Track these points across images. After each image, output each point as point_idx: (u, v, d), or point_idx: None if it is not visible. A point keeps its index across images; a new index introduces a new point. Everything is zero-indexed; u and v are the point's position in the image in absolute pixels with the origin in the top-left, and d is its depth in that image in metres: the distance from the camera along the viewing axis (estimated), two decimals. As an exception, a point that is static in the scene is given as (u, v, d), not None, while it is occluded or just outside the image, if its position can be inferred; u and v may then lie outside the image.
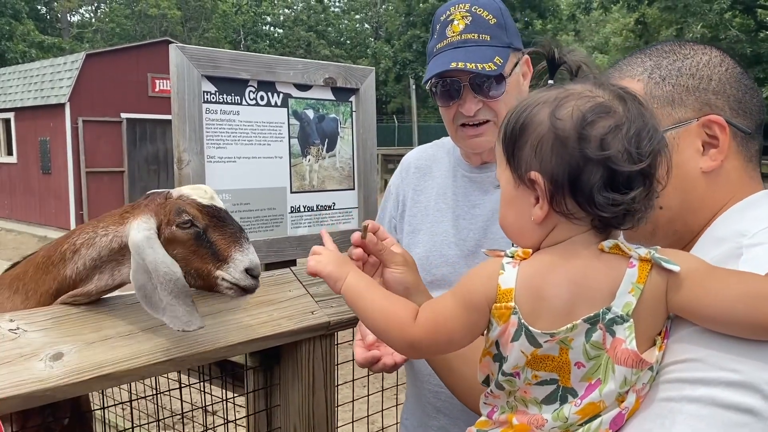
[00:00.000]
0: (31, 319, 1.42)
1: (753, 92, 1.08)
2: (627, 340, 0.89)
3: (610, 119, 0.90)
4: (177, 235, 1.46)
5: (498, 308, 0.96)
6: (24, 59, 26.63)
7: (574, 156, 0.90)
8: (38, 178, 15.29)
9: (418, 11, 31.09)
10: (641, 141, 0.90)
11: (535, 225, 0.96)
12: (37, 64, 16.15)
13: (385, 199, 1.86)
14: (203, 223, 1.46)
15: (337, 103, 2.12)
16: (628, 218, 0.92)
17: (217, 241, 1.46)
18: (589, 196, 0.90)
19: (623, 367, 0.89)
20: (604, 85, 0.96)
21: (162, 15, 32.52)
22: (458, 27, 1.58)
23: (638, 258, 0.90)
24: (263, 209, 1.96)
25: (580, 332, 0.91)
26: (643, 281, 0.89)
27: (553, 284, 0.93)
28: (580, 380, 0.92)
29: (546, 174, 0.93)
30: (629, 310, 0.89)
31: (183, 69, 1.76)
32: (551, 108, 0.93)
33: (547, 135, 0.92)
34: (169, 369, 1.54)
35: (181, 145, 1.76)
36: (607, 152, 0.88)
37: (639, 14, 24.05)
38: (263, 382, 1.87)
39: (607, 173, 0.89)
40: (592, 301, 0.91)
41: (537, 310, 0.93)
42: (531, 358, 0.94)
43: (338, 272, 1.22)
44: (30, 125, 15.26)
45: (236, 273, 1.45)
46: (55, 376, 1.31)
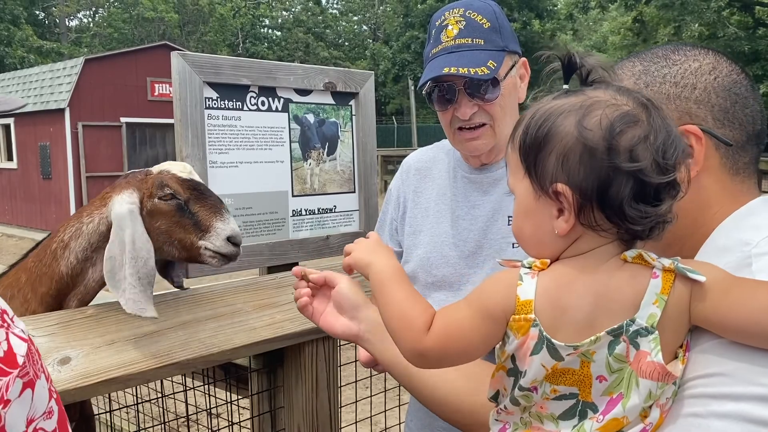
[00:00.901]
0: (38, 324, 1.45)
1: (745, 101, 1.04)
2: (652, 352, 0.86)
3: (638, 129, 0.87)
4: (159, 207, 1.52)
5: (516, 320, 0.92)
6: (23, 65, 26.66)
7: (603, 167, 0.86)
8: (39, 183, 15.30)
9: (416, 12, 31.10)
10: (667, 151, 0.87)
11: (556, 237, 0.93)
12: (36, 70, 16.16)
13: (386, 201, 1.87)
14: (185, 195, 1.53)
15: (337, 107, 2.15)
16: (658, 229, 0.90)
17: (198, 212, 1.53)
18: (619, 209, 0.87)
19: (648, 381, 0.87)
20: (626, 92, 0.92)
21: (159, 18, 32.54)
22: (452, 32, 1.59)
23: (662, 268, 0.88)
24: (265, 213, 1.98)
25: (602, 345, 0.88)
26: (667, 292, 0.87)
27: (575, 296, 0.90)
28: (601, 394, 0.89)
29: (574, 186, 0.89)
30: (654, 322, 0.87)
31: (185, 76, 1.78)
32: (578, 117, 0.89)
33: (575, 145, 0.89)
34: (174, 372, 1.55)
35: (183, 150, 1.79)
36: (639, 164, 0.85)
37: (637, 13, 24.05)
38: (267, 384, 1.88)
39: (637, 185, 0.86)
40: (615, 312, 0.88)
41: (557, 323, 0.90)
42: (551, 372, 0.91)
43: (368, 259, 1.18)
44: (30, 131, 15.27)
45: (218, 241, 1.52)
46: (63, 380, 1.33)
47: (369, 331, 1.29)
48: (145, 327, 1.54)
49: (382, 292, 1.12)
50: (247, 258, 1.94)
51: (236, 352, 1.64)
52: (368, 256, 1.18)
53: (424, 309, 1.07)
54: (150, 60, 15.04)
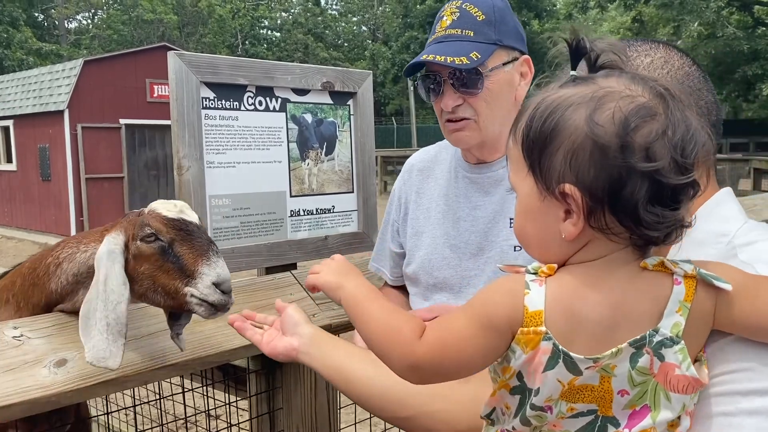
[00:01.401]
0: (35, 326, 1.44)
1: (699, 93, 1.03)
2: (682, 365, 0.82)
3: (655, 123, 0.79)
4: (142, 249, 1.40)
5: (525, 333, 0.84)
6: (22, 67, 26.66)
7: (616, 167, 0.78)
8: (38, 185, 15.29)
9: (416, 13, 31.12)
10: (686, 147, 0.79)
11: (563, 241, 0.85)
12: (35, 72, 16.15)
13: (389, 203, 1.87)
14: (168, 236, 1.39)
15: (335, 107, 2.14)
16: (676, 234, 0.82)
17: (183, 255, 1.38)
18: (634, 213, 0.79)
19: (680, 395, 0.82)
20: (641, 81, 0.83)
21: (159, 20, 32.55)
22: (445, 23, 1.58)
23: (683, 275, 0.83)
24: (263, 213, 1.98)
25: (624, 358, 0.82)
26: (690, 299, 0.82)
27: (591, 306, 0.83)
28: (623, 408, 0.84)
29: (583, 187, 0.81)
30: (679, 331, 0.81)
31: (181, 75, 1.77)
32: (588, 110, 0.80)
33: (585, 142, 0.80)
34: (172, 374, 1.55)
35: (180, 151, 1.78)
36: (656, 164, 0.77)
37: (636, 12, 24.08)
38: (266, 386, 1.88)
39: (654, 186, 0.78)
40: (636, 323, 0.82)
41: (572, 335, 0.83)
42: (567, 388, 0.84)
43: (337, 281, 1.11)
44: (29, 132, 15.27)
45: (203, 288, 1.35)
46: (59, 382, 1.33)
47: (306, 344, 1.29)
48: (143, 328, 1.53)
49: (357, 310, 1.04)
50: (245, 259, 1.93)
51: (234, 353, 1.63)
52: (337, 278, 1.12)
53: (408, 318, 0.99)
54: (149, 61, 15.03)
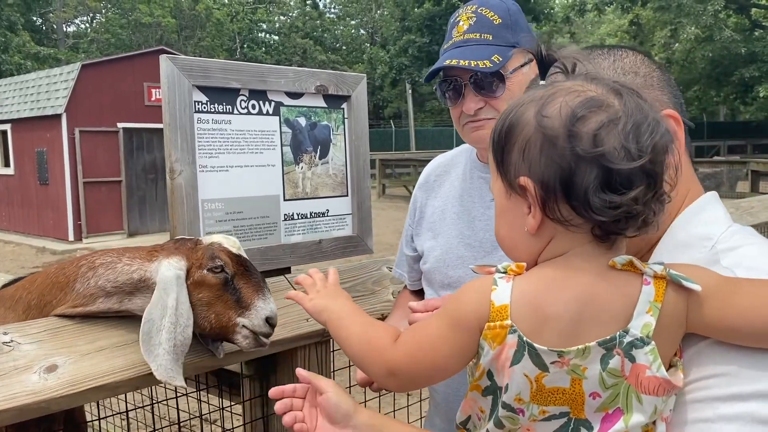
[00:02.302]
0: (25, 331, 1.43)
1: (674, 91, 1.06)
2: (653, 366, 0.81)
3: (603, 113, 0.82)
4: (207, 278, 1.49)
5: (491, 328, 0.86)
6: (20, 71, 26.64)
7: (564, 156, 0.81)
8: (36, 189, 15.27)
9: (414, 16, 31.13)
10: (641, 135, 0.81)
11: (529, 236, 0.88)
12: (33, 75, 16.14)
13: (411, 204, 1.93)
14: (232, 270, 1.51)
15: (329, 111, 2.13)
16: (631, 223, 0.83)
17: (242, 288, 1.50)
18: (585, 199, 0.81)
19: (651, 396, 0.82)
20: (597, 80, 0.87)
21: (156, 23, 32.56)
22: (462, 27, 1.61)
23: (653, 275, 0.83)
24: (256, 217, 1.97)
25: (594, 359, 0.82)
26: (660, 300, 0.82)
27: (557, 302, 0.84)
28: (595, 411, 0.84)
29: (536, 178, 0.84)
30: (649, 332, 0.81)
31: (174, 79, 1.77)
32: (537, 106, 0.85)
33: (535, 135, 0.84)
34: (164, 379, 1.53)
35: (173, 155, 1.77)
36: (601, 149, 0.79)
37: (633, 15, 24.12)
38: (259, 391, 1.87)
39: (602, 172, 0.80)
40: (605, 322, 0.82)
41: (539, 330, 0.84)
42: (536, 389, 0.84)
43: (324, 304, 1.16)
44: (27, 136, 15.25)
45: (257, 320, 1.49)
46: (50, 388, 1.32)
47: None
48: (135, 333, 1.52)
49: (340, 330, 1.09)
50: (239, 263, 1.92)
51: (227, 358, 1.62)
52: (325, 301, 1.16)
53: (385, 326, 1.04)
54: (147, 65, 15.02)
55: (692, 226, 0.97)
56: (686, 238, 0.95)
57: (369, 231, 2.24)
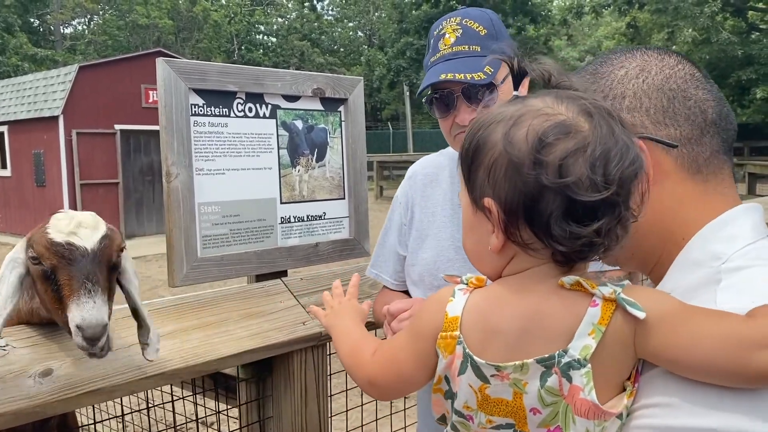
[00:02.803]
0: (21, 335, 1.42)
1: (684, 94, 0.97)
2: (586, 389, 0.81)
3: (571, 141, 0.80)
4: (32, 269, 1.30)
5: (444, 337, 0.89)
6: (17, 72, 26.60)
7: (528, 183, 0.80)
8: (33, 190, 15.25)
9: (411, 18, 31.16)
10: (608, 164, 0.79)
11: (492, 254, 0.88)
12: (30, 77, 16.12)
13: (391, 210, 1.88)
14: (49, 262, 1.26)
15: (326, 113, 2.13)
16: (592, 252, 0.82)
17: (63, 285, 1.24)
18: (546, 227, 0.80)
19: (583, 419, 0.82)
20: (569, 99, 0.85)
21: (154, 25, 32.54)
22: (449, 40, 1.61)
23: (602, 297, 0.81)
24: (253, 220, 1.96)
25: (533, 375, 0.82)
26: (605, 323, 0.80)
27: (503, 317, 0.86)
28: (537, 426, 0.84)
29: (499, 201, 0.84)
30: (587, 354, 0.80)
31: (170, 82, 1.76)
32: (506, 128, 0.84)
33: (501, 159, 0.83)
34: (160, 383, 1.53)
35: (169, 158, 1.77)
36: (566, 179, 0.78)
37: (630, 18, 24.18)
38: (256, 394, 1.86)
39: (566, 202, 0.79)
40: (548, 340, 0.82)
41: (485, 343, 0.86)
42: (482, 398, 0.86)
43: (334, 322, 1.24)
44: (24, 138, 15.23)
45: (71, 327, 1.21)
46: (45, 392, 1.31)
47: None
48: (130, 337, 1.52)
49: (337, 344, 1.17)
50: (235, 266, 1.92)
51: (223, 362, 1.62)
52: (332, 320, 1.25)
53: (371, 339, 1.09)
54: (144, 67, 15.01)
55: (709, 242, 0.92)
56: (700, 255, 0.91)
57: (366, 234, 2.24)
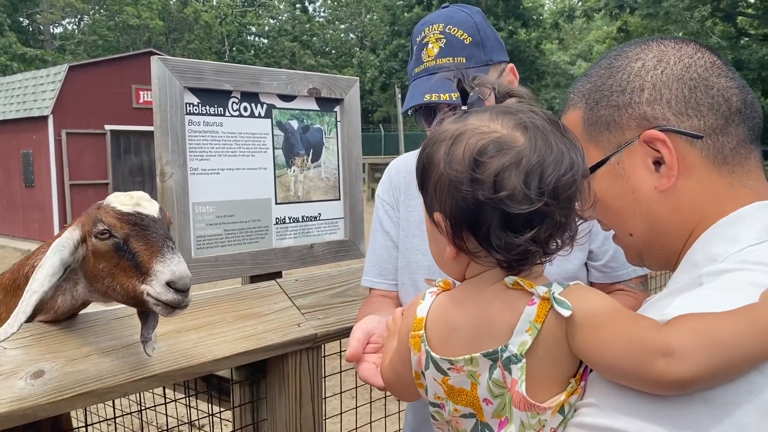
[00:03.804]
0: (11, 336, 1.40)
1: (706, 82, 0.94)
2: (519, 382, 0.86)
3: (505, 157, 0.85)
4: (98, 247, 1.34)
5: (413, 336, 0.97)
6: (5, 72, 26.41)
7: (468, 199, 0.87)
8: (21, 191, 15.14)
9: (403, 21, 31.21)
10: (543, 174, 0.84)
11: (450, 260, 0.96)
12: (19, 77, 16.02)
13: (376, 207, 1.81)
14: (122, 232, 1.33)
15: (322, 114, 2.12)
16: (531, 257, 0.88)
17: (139, 251, 1.31)
18: (486, 237, 0.87)
19: (518, 410, 0.87)
20: (505, 114, 0.90)
21: (144, 26, 32.41)
22: (433, 51, 1.55)
23: (539, 296, 0.87)
24: (247, 221, 1.95)
25: (483, 368, 0.88)
26: (541, 320, 0.85)
27: (459, 316, 0.93)
28: (491, 416, 0.90)
29: (446, 215, 0.91)
30: (524, 350, 0.85)
31: (165, 81, 1.75)
32: (446, 147, 0.90)
33: (443, 177, 0.90)
34: (153, 385, 1.51)
35: (163, 157, 1.75)
36: (500, 194, 0.84)
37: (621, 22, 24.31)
38: (250, 396, 1.85)
39: (502, 215, 0.85)
40: (493, 337, 0.88)
41: (446, 339, 0.94)
42: (447, 388, 0.93)
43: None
44: (12, 138, 15.12)
45: (158, 287, 1.29)
46: (36, 394, 1.29)
47: None
48: (123, 338, 1.50)
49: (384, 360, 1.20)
50: (229, 267, 1.90)
51: (217, 363, 1.60)
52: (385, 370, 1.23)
53: None
54: (135, 67, 14.95)
55: (711, 243, 0.90)
56: (700, 257, 0.90)
57: (361, 235, 2.22)
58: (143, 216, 1.35)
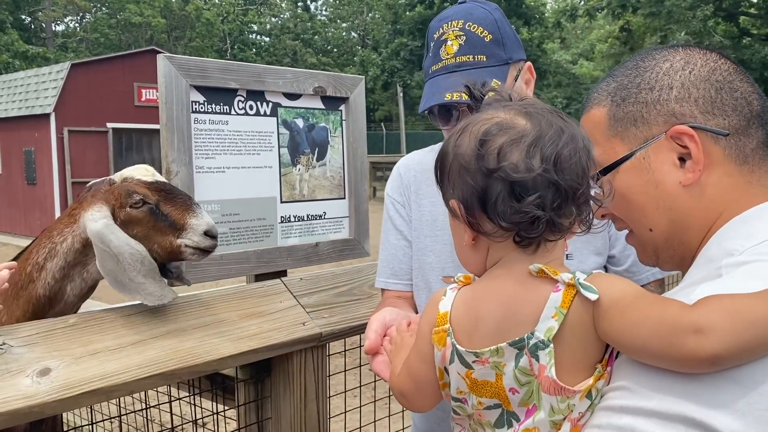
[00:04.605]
0: (18, 334, 1.40)
1: (731, 85, 0.99)
2: (548, 366, 0.88)
3: (506, 135, 0.92)
4: (132, 215, 1.54)
5: (437, 332, 0.99)
6: (8, 70, 26.41)
7: (475, 175, 0.93)
8: (23, 189, 15.15)
9: (405, 19, 31.19)
10: (544, 145, 0.91)
11: (471, 250, 1.00)
12: (21, 74, 16.03)
13: (386, 205, 1.78)
14: (154, 198, 1.55)
15: (327, 112, 2.12)
16: (541, 227, 0.91)
17: (171, 212, 1.55)
18: (494, 209, 0.91)
19: (547, 395, 0.89)
20: (509, 106, 0.98)
21: (146, 24, 32.41)
22: (452, 48, 1.51)
23: (564, 282, 0.89)
24: (253, 219, 1.95)
25: (509, 357, 0.91)
26: (567, 306, 0.88)
27: (485, 307, 0.95)
28: (518, 405, 0.92)
29: (459, 199, 0.96)
30: (551, 335, 0.88)
31: (171, 79, 1.75)
32: (455, 139, 0.98)
33: (454, 163, 0.97)
34: (159, 383, 1.51)
35: (169, 155, 1.75)
36: (502, 164, 0.90)
37: (624, 21, 24.28)
38: (254, 395, 1.85)
39: (507, 185, 0.90)
40: (519, 325, 0.91)
41: (471, 332, 0.96)
42: (470, 382, 0.95)
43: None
44: (14, 136, 15.13)
45: (196, 237, 1.55)
46: (43, 392, 1.29)
47: None
48: (129, 336, 1.50)
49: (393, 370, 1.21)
50: (234, 266, 1.90)
51: (222, 362, 1.60)
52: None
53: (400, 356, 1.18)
54: (137, 65, 14.96)
55: (727, 239, 0.93)
56: (716, 252, 0.92)
57: (366, 234, 2.22)
58: (164, 183, 1.58)
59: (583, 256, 1.53)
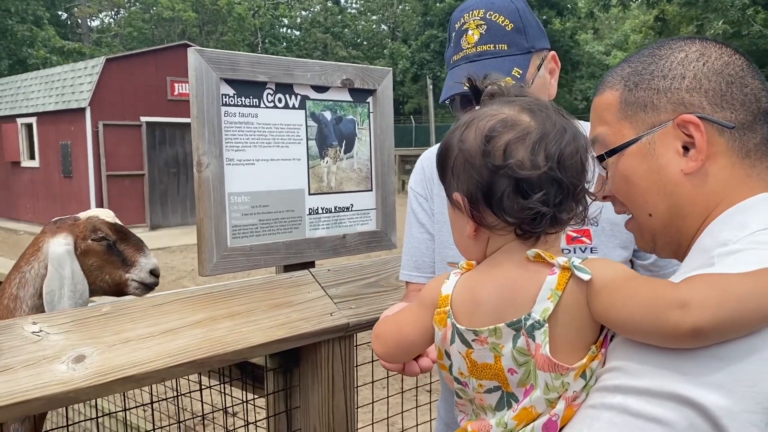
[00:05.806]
0: (54, 321, 1.44)
1: (742, 81, 1.01)
2: (543, 344, 0.91)
3: (512, 132, 0.95)
4: (92, 247, 1.85)
5: (438, 313, 1.03)
6: (45, 65, 26.95)
7: (481, 171, 0.96)
8: (60, 181, 15.48)
9: (435, 11, 31.01)
10: (548, 144, 0.94)
11: (472, 240, 1.03)
12: (58, 69, 16.34)
13: (409, 199, 1.79)
14: (113, 236, 1.88)
15: (355, 105, 2.12)
16: (543, 222, 0.95)
17: (125, 250, 1.90)
18: (500, 205, 0.95)
19: (542, 372, 0.92)
20: (512, 102, 1.00)
21: (178, 18, 32.76)
22: (473, 38, 1.50)
23: (559, 266, 0.93)
24: (281, 211, 1.97)
25: (507, 339, 0.94)
26: (561, 288, 0.91)
27: (485, 290, 0.99)
28: (517, 386, 0.95)
29: (464, 192, 0.99)
30: (546, 316, 0.91)
31: (201, 72, 1.77)
32: (460, 133, 1.01)
33: (458, 157, 1.00)
34: (190, 371, 1.54)
35: (200, 148, 1.77)
36: (509, 161, 0.93)
37: (658, 11, 23.78)
38: (283, 384, 1.87)
39: (513, 182, 0.94)
40: (518, 307, 0.94)
41: (471, 315, 0.99)
42: (470, 363, 0.98)
43: None
44: (51, 129, 15.46)
45: (142, 273, 1.91)
46: (78, 378, 1.33)
47: None
48: (160, 325, 1.53)
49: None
50: (264, 256, 1.92)
51: (252, 351, 1.62)
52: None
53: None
54: (170, 59, 15.15)
55: (721, 229, 0.95)
56: (710, 243, 0.94)
57: (393, 226, 2.23)
58: (122, 226, 1.92)
59: (609, 250, 1.51)
